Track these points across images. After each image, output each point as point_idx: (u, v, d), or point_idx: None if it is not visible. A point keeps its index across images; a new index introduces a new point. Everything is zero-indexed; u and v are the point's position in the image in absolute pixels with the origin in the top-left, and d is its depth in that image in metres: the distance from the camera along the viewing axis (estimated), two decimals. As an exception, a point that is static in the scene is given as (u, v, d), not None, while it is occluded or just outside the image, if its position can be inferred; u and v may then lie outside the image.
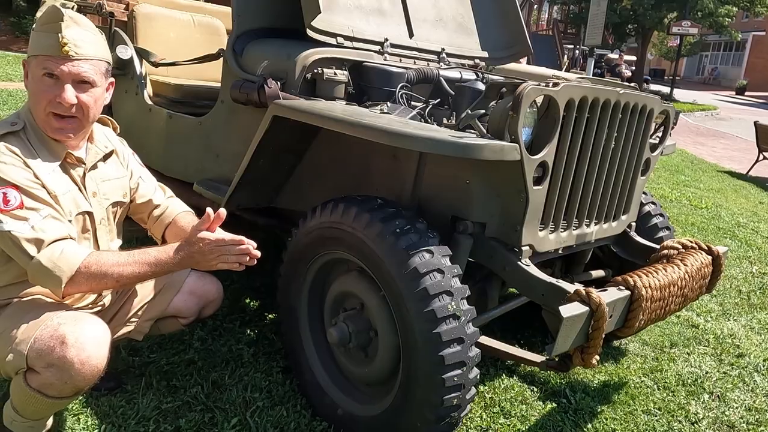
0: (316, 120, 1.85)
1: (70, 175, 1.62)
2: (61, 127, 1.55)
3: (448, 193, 1.92)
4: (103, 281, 1.51)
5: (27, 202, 1.46)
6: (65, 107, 1.51)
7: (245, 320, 2.60)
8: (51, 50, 1.49)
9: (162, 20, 3.21)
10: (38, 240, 1.44)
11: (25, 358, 1.45)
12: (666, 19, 21.86)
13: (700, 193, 6.99)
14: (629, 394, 2.39)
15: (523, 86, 1.66)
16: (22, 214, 1.44)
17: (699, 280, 2.06)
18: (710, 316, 3.33)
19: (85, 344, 1.45)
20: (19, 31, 13.16)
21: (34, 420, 1.61)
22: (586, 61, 13.81)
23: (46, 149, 1.57)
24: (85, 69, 1.53)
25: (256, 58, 2.24)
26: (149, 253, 1.56)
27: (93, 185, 1.69)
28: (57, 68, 1.49)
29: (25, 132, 1.55)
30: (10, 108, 6.28)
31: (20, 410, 1.57)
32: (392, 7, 2.59)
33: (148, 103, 2.84)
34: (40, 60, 1.50)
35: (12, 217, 1.43)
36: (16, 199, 1.44)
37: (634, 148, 2.17)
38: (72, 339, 1.44)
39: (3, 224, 1.43)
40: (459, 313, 1.63)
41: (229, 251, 1.59)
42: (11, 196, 1.44)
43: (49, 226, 1.47)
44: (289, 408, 2.03)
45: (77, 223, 1.63)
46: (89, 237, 1.69)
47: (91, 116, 1.59)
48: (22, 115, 1.59)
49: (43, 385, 1.46)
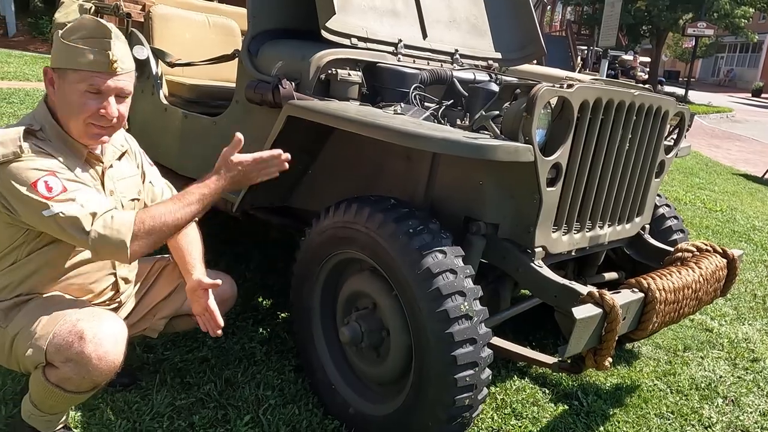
0: (330, 120, 1.86)
1: (90, 174, 1.65)
2: (98, 133, 1.58)
3: (461, 193, 1.92)
4: (162, 231, 1.52)
5: (68, 185, 1.47)
6: (108, 120, 1.55)
7: (258, 319, 2.62)
8: (100, 66, 1.50)
9: (178, 21, 3.24)
10: (90, 214, 1.46)
11: (44, 353, 1.48)
12: (681, 20, 21.67)
13: (714, 195, 6.92)
14: (642, 398, 2.38)
15: (538, 87, 1.67)
16: (68, 196, 1.46)
17: (713, 284, 2.04)
18: (725, 319, 3.30)
19: (103, 340, 1.47)
20: (36, 31, 13.32)
21: (51, 414, 1.63)
22: (599, 63, 13.73)
23: (68, 148, 1.60)
24: (128, 83, 1.58)
25: (270, 59, 2.26)
26: (192, 193, 1.58)
27: (110, 183, 1.72)
28: (104, 84, 1.51)
29: (44, 133, 1.57)
30: (27, 107, 6.36)
31: (38, 404, 1.59)
32: (406, 8, 2.60)
33: (164, 103, 2.87)
34: (84, 75, 1.50)
35: (58, 201, 1.44)
36: (58, 185, 1.46)
37: (649, 149, 2.16)
38: (90, 335, 1.46)
39: (51, 208, 1.43)
40: (471, 313, 1.63)
41: (269, 164, 1.64)
42: (53, 183, 1.45)
43: (95, 201, 1.50)
44: (301, 406, 2.05)
45: None
46: None
47: (123, 122, 1.64)
48: (38, 117, 1.59)
49: (61, 380, 1.48)
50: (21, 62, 9.98)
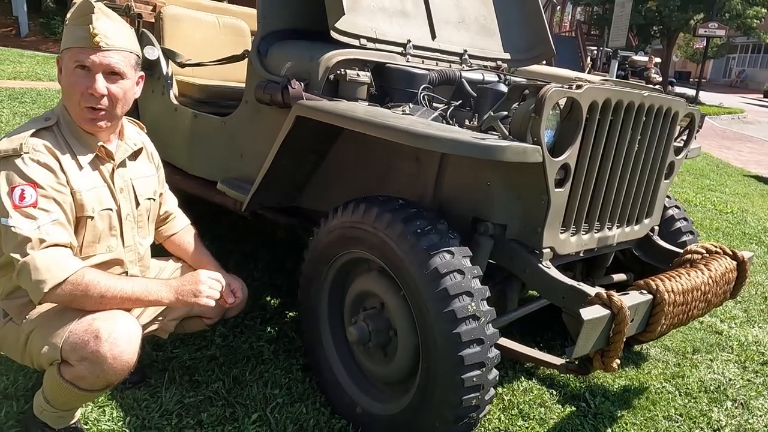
0: (339, 120, 1.87)
1: (100, 171, 1.67)
2: (93, 117, 1.58)
3: (469, 194, 1.92)
4: (83, 300, 1.50)
5: (42, 202, 1.48)
6: (96, 98, 1.55)
7: (266, 318, 2.63)
8: (82, 42, 1.53)
9: (188, 22, 3.26)
10: (40, 240, 1.45)
11: (60, 351, 1.50)
12: (692, 20, 21.50)
13: (725, 197, 6.87)
14: (650, 400, 2.37)
15: (546, 88, 1.66)
16: (33, 212, 1.46)
17: (723, 286, 2.03)
18: (734, 322, 3.28)
19: (118, 340, 1.49)
20: (48, 31, 13.45)
21: (63, 410, 1.66)
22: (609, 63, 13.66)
23: (80, 142, 1.61)
24: (116, 60, 1.57)
25: (280, 59, 2.27)
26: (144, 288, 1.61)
27: (120, 182, 1.73)
28: (88, 59, 1.53)
29: (58, 126, 1.60)
30: (39, 107, 6.42)
31: (51, 400, 1.61)
32: (415, 8, 2.60)
33: (174, 103, 2.89)
34: (72, 52, 1.54)
35: (21, 214, 1.45)
36: (32, 197, 1.47)
37: (658, 151, 2.15)
38: (106, 334, 1.48)
39: (9, 219, 1.44)
40: (479, 314, 1.64)
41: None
42: (27, 194, 1.47)
43: (55, 230, 1.49)
44: (308, 405, 2.05)
45: (103, 220, 1.67)
46: (116, 234, 1.72)
47: (120, 108, 1.63)
48: (57, 110, 1.63)
49: (76, 378, 1.50)
50: (33, 62, 10.07)
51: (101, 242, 1.68)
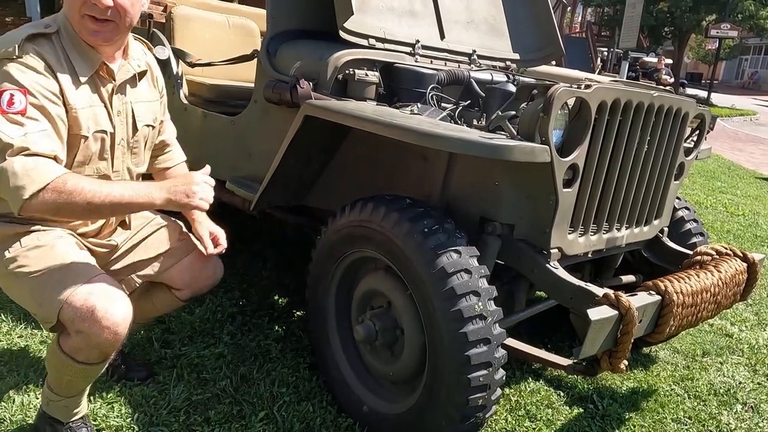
0: (348, 120, 1.87)
1: (99, 92, 1.58)
2: (96, 29, 1.49)
3: (477, 194, 1.92)
4: (69, 208, 1.41)
5: (30, 111, 1.40)
6: (101, 9, 1.45)
7: (274, 317, 2.64)
8: None
9: (198, 22, 3.28)
10: (22, 147, 1.36)
11: (56, 316, 1.48)
12: (704, 21, 21.35)
13: (736, 199, 6.81)
14: (658, 402, 2.35)
15: (555, 88, 1.66)
16: (20, 119, 1.38)
17: (733, 288, 2.02)
18: (745, 325, 3.25)
19: (114, 314, 1.47)
20: (61, 31, 13.56)
21: (67, 398, 1.65)
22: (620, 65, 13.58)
23: (81, 57, 1.52)
24: None
25: (289, 59, 2.28)
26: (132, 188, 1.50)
27: (119, 104, 1.65)
28: None
29: (58, 36, 1.50)
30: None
31: (54, 385, 1.62)
32: (424, 8, 2.60)
33: (184, 102, 2.91)
34: None
35: (8, 120, 1.37)
36: (21, 104, 1.38)
37: (668, 151, 2.14)
38: (102, 310, 1.46)
39: None
40: (486, 313, 1.64)
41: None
42: (17, 99, 1.38)
43: (41, 140, 1.40)
44: (315, 404, 2.06)
45: (96, 142, 1.59)
46: (107, 157, 1.65)
47: (128, 21, 1.53)
48: (59, 18, 1.52)
49: (72, 350, 1.51)
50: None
51: (90, 164, 1.61)
